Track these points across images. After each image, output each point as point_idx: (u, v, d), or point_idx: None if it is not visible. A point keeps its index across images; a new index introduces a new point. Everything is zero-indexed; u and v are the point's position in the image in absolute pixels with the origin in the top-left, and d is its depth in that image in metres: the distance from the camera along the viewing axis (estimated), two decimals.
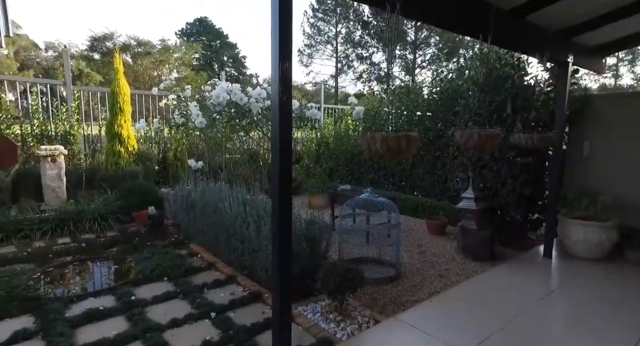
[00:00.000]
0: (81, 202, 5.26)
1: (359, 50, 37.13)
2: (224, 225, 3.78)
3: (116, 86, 6.24)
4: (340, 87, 38.97)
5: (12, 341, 2.47)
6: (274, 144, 1.85)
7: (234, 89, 2.85)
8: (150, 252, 4.01)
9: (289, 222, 1.98)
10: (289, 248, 2.03)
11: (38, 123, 6.14)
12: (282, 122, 1.81)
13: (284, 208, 1.93)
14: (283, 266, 2.04)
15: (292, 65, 1.82)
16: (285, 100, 1.80)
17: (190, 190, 4.63)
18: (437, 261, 4.07)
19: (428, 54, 33.03)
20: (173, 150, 5.79)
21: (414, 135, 2.25)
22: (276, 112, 1.80)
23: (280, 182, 1.86)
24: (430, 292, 3.30)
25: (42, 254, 4.00)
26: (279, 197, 1.90)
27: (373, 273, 3.57)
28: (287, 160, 1.84)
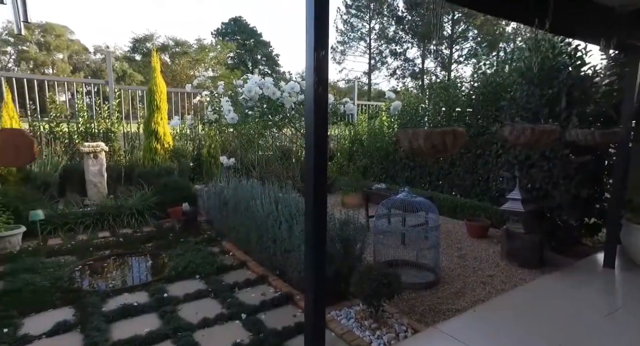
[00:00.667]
0: (120, 197, 5.41)
1: (393, 46, 36.36)
2: (256, 223, 3.72)
3: (153, 84, 6.38)
4: (374, 84, 38.42)
5: (54, 332, 2.53)
6: (308, 139, 1.72)
7: (266, 83, 2.75)
8: (183, 249, 4.02)
9: (323, 222, 1.85)
10: (323, 249, 1.90)
11: (83, 121, 6.41)
12: (318, 115, 1.67)
13: (319, 207, 1.80)
14: (317, 269, 1.91)
15: (328, 54, 1.67)
16: (320, 92, 1.66)
17: (222, 187, 4.62)
18: (479, 267, 3.79)
19: (465, 48, 31.75)
20: (207, 147, 5.84)
21: (461, 130, 2.04)
22: (311, 105, 1.66)
23: (315, 179, 1.73)
24: (473, 300, 3.05)
25: (84, 247, 4.13)
26: (314, 196, 1.77)
27: (410, 278, 3.37)
28: (322, 156, 1.70)
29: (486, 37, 29.15)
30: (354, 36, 37.76)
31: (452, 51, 32.04)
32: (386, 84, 38.81)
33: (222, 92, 4.37)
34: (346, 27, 37.47)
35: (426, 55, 34.47)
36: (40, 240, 4.36)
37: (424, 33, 30.14)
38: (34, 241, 4.32)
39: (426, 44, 32.99)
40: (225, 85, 4.50)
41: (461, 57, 31.87)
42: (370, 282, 2.63)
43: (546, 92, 3.75)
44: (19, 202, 4.46)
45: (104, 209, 4.97)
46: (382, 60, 37.70)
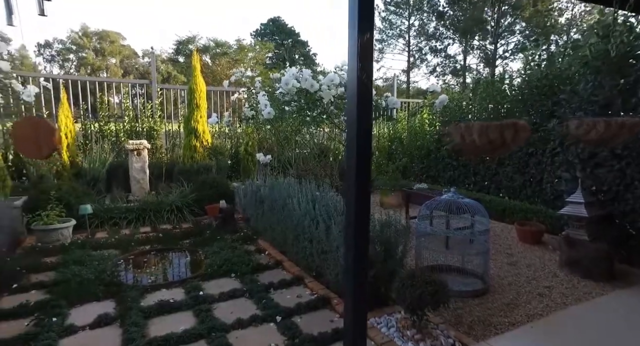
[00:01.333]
0: (160, 194, 5.55)
1: (433, 42, 35.21)
2: (292, 222, 3.62)
3: (193, 83, 6.50)
4: (412, 81, 37.42)
5: (96, 324, 2.58)
6: (350, 131, 1.56)
7: (304, 74, 2.63)
8: (219, 246, 4.01)
9: (366, 224, 1.68)
10: (365, 254, 1.74)
11: (128, 120, 6.66)
12: (361, 105, 1.51)
13: (361, 208, 1.64)
14: (358, 275, 1.75)
15: (373, 38, 1.51)
16: (364, 80, 1.50)
17: (259, 185, 4.58)
18: (533, 276, 3.44)
19: (512, 43, 30.00)
20: (244, 145, 5.85)
21: (523, 124, 1.80)
22: (353, 94, 1.50)
23: (358, 177, 1.57)
24: (528, 314, 2.75)
25: (127, 241, 4.24)
26: (356, 195, 1.61)
27: (456, 285, 3.11)
28: (366, 151, 1.54)
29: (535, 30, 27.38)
30: (392, 33, 36.98)
31: (497, 46, 30.42)
32: (425, 82, 37.69)
33: (260, 87, 4.32)
34: (384, 25, 36.77)
35: (468, 51, 33.03)
36: (89, 233, 4.54)
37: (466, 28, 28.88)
38: (83, 234, 4.50)
39: (468, 40, 31.60)
40: (263, 81, 4.45)
41: (506, 52, 30.19)
42: (414, 289, 2.43)
43: (618, 82, 3.32)
44: (70, 197, 4.67)
45: (146, 205, 5.10)
46: (421, 57, 36.65)
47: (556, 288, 3.19)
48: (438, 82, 35.00)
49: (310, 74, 2.66)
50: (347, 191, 1.69)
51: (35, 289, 3.11)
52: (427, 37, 35.30)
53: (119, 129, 6.64)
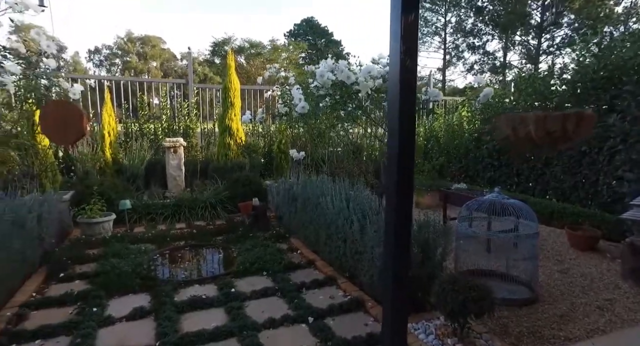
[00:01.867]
0: (195, 191, 5.65)
1: (471, 39, 33.93)
2: (325, 221, 3.53)
3: (228, 81, 6.58)
4: (448, 80, 36.29)
5: (132, 317, 2.61)
6: (392, 120, 1.43)
7: (340, 66, 2.52)
8: (251, 244, 3.99)
9: (407, 226, 1.55)
10: (406, 257, 1.60)
11: (166, 118, 6.86)
12: (404, 91, 1.38)
13: (402, 208, 1.51)
14: (398, 279, 1.62)
15: (418, 18, 1.37)
16: (408, 64, 1.37)
17: (292, 183, 4.52)
18: (590, 287, 3.13)
19: (558, 36, 28.17)
20: (277, 143, 5.84)
21: (590, 113, 1.60)
22: (395, 79, 1.38)
23: (399, 169, 1.44)
24: (587, 329, 2.48)
25: (162, 236, 4.32)
26: (396, 194, 1.48)
27: (500, 292, 2.88)
28: (409, 140, 1.41)
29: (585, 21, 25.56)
30: (427, 31, 36.02)
31: (541, 41, 28.74)
32: (462, 80, 36.44)
33: (293, 83, 4.27)
34: (420, 23, 35.90)
35: (509, 47, 31.50)
36: (128, 227, 4.68)
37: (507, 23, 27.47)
38: (123, 228, 4.65)
39: (509, 35, 30.09)
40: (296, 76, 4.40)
41: (551, 46, 28.43)
42: (456, 295, 2.25)
43: None
44: (111, 192, 4.85)
45: (181, 201, 5.20)
46: (458, 55, 35.46)
47: (619, 301, 2.87)
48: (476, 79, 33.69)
49: (346, 65, 2.55)
50: (387, 186, 1.56)
51: (79, 279, 3.22)
52: (464, 33, 34.08)
53: (157, 128, 6.85)
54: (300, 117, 3.95)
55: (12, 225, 2.83)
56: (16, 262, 2.86)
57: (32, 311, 2.69)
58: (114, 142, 5.87)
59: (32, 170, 4.18)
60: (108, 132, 5.79)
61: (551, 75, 5.41)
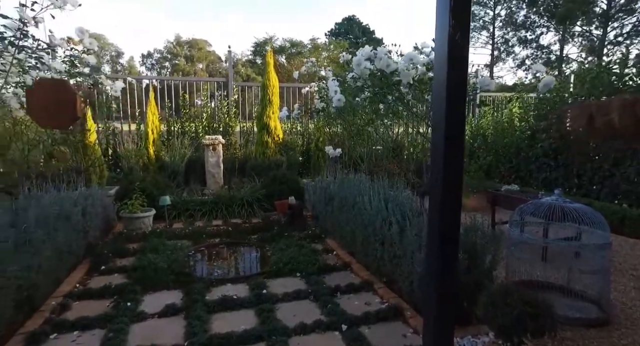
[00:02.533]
0: (233, 188, 5.68)
1: (522, 32, 31.90)
2: (362, 222, 3.34)
3: (267, 79, 6.57)
4: (496, 77, 34.40)
5: (163, 314, 2.60)
6: (438, 109, 1.23)
7: (379, 53, 2.31)
8: (286, 244, 3.89)
9: (455, 231, 1.34)
10: (453, 263, 1.39)
11: (206, 117, 6.99)
12: (454, 69, 1.17)
13: (449, 210, 1.30)
14: (444, 289, 1.42)
15: None
16: (458, 39, 1.16)
17: (329, 181, 4.38)
18: None
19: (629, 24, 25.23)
20: (315, 140, 5.72)
21: None
22: (442, 59, 1.17)
23: (446, 169, 1.24)
24: None
25: (199, 233, 4.35)
26: (443, 194, 1.28)
27: (561, 308, 2.54)
28: (457, 131, 1.20)
29: None
30: (474, 26, 34.34)
31: (607, 31, 26.16)
32: (511, 77, 34.39)
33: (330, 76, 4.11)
34: None
35: (567, 39, 29.17)
36: (167, 223, 4.78)
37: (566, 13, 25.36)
38: (162, 223, 4.75)
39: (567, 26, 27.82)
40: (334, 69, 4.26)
41: (620, 35, 25.70)
42: (508, 309, 1.98)
43: None
44: (153, 188, 4.98)
45: (219, 199, 5.23)
46: (507, 50, 33.51)
47: None
48: (527, 75, 31.65)
49: (386, 52, 2.34)
50: (431, 185, 1.36)
51: (118, 273, 3.29)
52: (515, 27, 32.12)
53: (198, 126, 7.00)
54: (337, 113, 3.79)
55: (58, 218, 2.93)
56: (62, 254, 2.95)
57: (74, 302, 2.77)
58: (157, 140, 6.06)
59: (80, 166, 4.38)
60: (151, 130, 5.98)
61: (624, 64, 4.79)
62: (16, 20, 2.22)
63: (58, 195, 3.14)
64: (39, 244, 2.56)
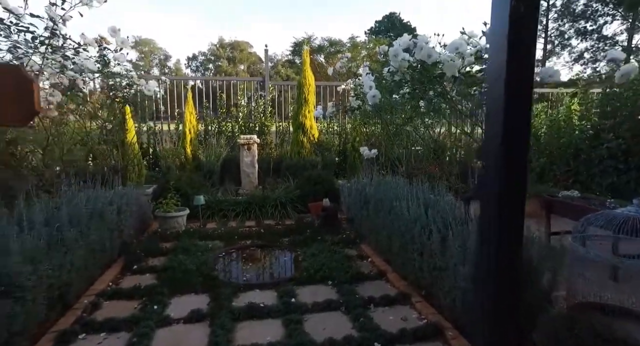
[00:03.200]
0: (267, 189, 5.61)
1: (582, 23, 29.47)
2: (399, 228, 3.08)
3: (303, 77, 6.44)
4: None
5: (188, 319, 2.52)
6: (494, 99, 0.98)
7: (419, 42, 2.04)
8: (318, 248, 3.71)
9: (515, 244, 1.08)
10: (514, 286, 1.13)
11: (242, 116, 7.00)
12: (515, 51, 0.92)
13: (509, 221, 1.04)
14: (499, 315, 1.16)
15: None
16: (524, 14, 0.90)
17: (365, 183, 4.15)
18: None
19: None
20: (351, 140, 5.50)
21: None
22: (501, 37, 0.92)
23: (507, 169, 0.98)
24: None
25: (231, 234, 4.30)
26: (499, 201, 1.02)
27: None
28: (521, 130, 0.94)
29: None
30: None
31: None
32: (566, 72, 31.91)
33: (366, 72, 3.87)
34: None
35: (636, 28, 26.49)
36: (201, 223, 4.78)
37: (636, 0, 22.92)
38: (196, 223, 4.76)
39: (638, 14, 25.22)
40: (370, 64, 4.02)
41: None
42: (576, 341, 1.67)
43: None
44: (188, 187, 5.01)
45: (252, 199, 5.18)
46: (562, 43, 31.14)
47: None
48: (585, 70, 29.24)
49: (427, 40, 2.06)
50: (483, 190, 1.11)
51: (149, 272, 3.28)
52: (572, 17, 29.75)
53: (234, 126, 7.02)
54: (374, 111, 3.55)
55: (92, 217, 2.96)
56: (96, 252, 2.98)
57: (105, 301, 2.77)
58: (194, 139, 6.13)
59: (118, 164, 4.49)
60: (189, 130, 6.06)
61: None
62: (45, 19, 2.23)
63: (93, 194, 3.18)
64: (72, 243, 2.57)
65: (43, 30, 2.24)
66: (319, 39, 32.48)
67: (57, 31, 2.26)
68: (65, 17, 2.26)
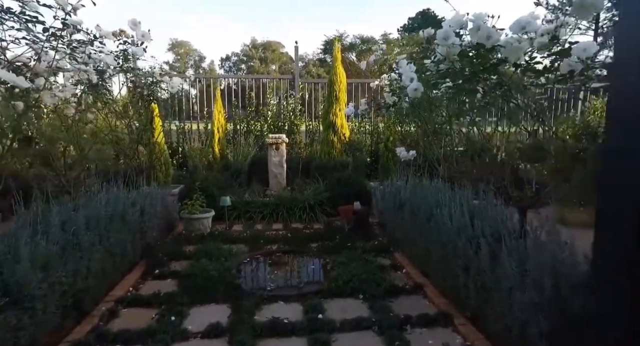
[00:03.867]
0: (295, 190, 5.39)
1: None
2: (439, 238, 2.75)
3: (333, 74, 6.17)
4: None
5: (206, 334, 2.34)
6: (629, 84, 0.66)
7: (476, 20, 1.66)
8: (348, 256, 3.43)
9: None
10: None
11: (271, 115, 6.83)
12: None
13: None
14: None
15: None
16: None
17: (399, 186, 3.82)
18: None
19: None
20: (385, 140, 5.17)
21: None
22: None
23: None
24: None
25: (257, 238, 4.11)
26: None
27: None
28: None
29: None
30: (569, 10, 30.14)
31: None
32: None
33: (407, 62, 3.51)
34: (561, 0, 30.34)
35: None
36: (226, 225, 4.64)
37: None
38: (222, 224, 4.63)
39: None
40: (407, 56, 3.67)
41: None
42: None
43: None
44: (214, 188, 4.89)
45: (280, 200, 4.98)
46: None
47: None
48: None
49: (486, 18, 1.71)
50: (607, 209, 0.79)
51: (171, 278, 3.15)
52: None
53: (263, 124, 6.86)
54: (411, 108, 3.21)
55: (112, 220, 2.84)
56: (116, 256, 2.86)
57: (123, 309, 2.65)
58: (222, 139, 6.02)
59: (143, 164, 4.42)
60: (217, 129, 5.95)
61: None
62: (57, 8, 2.11)
63: (116, 195, 3.07)
64: (88, 247, 2.45)
65: (53, 19, 2.13)
66: (351, 37, 31.93)
67: (65, 21, 2.13)
68: (77, 5, 2.12)
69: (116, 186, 3.25)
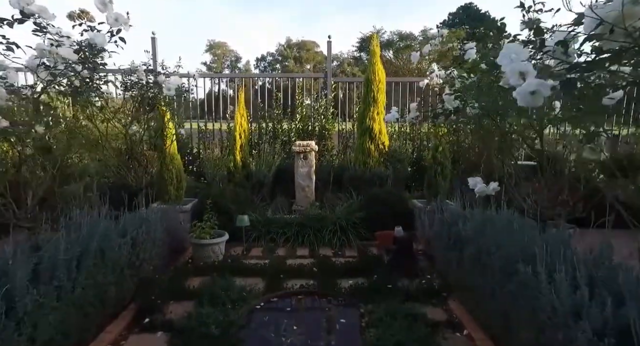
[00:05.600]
0: (325, 206, 4.64)
1: None
2: (531, 304, 1.87)
3: (371, 72, 5.32)
4: None
5: None
6: None
7: None
8: (389, 308, 2.59)
9: None
10: None
11: (301, 117, 6.10)
12: None
13: None
14: None
15: None
16: None
17: (457, 215, 2.94)
18: None
19: None
20: (432, 150, 4.25)
21: None
22: None
23: None
24: None
25: (276, 269, 3.39)
26: None
27: None
28: None
29: None
30: None
31: None
32: None
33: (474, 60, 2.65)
34: None
35: None
36: (244, 248, 3.98)
37: None
38: (239, 247, 3.97)
39: None
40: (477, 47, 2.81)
41: None
42: None
43: None
44: (231, 204, 4.23)
45: (307, 220, 4.24)
46: None
47: None
48: None
49: None
50: None
51: (162, 330, 2.47)
52: None
53: (291, 128, 6.14)
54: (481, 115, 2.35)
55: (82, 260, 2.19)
56: (89, 307, 2.22)
57: None
58: (245, 145, 5.35)
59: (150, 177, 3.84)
60: (239, 134, 5.29)
61: None
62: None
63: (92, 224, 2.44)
64: (33, 310, 1.78)
65: None
66: (388, 33, 30.49)
67: None
68: None
69: (99, 208, 2.62)
